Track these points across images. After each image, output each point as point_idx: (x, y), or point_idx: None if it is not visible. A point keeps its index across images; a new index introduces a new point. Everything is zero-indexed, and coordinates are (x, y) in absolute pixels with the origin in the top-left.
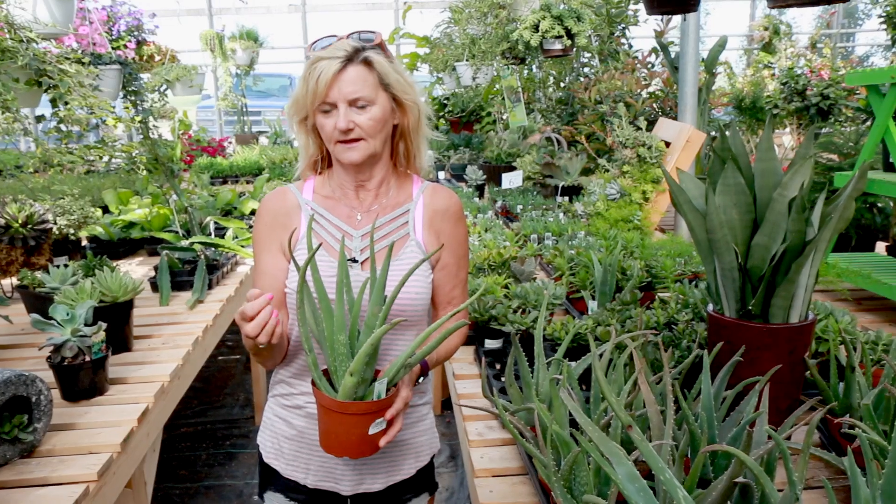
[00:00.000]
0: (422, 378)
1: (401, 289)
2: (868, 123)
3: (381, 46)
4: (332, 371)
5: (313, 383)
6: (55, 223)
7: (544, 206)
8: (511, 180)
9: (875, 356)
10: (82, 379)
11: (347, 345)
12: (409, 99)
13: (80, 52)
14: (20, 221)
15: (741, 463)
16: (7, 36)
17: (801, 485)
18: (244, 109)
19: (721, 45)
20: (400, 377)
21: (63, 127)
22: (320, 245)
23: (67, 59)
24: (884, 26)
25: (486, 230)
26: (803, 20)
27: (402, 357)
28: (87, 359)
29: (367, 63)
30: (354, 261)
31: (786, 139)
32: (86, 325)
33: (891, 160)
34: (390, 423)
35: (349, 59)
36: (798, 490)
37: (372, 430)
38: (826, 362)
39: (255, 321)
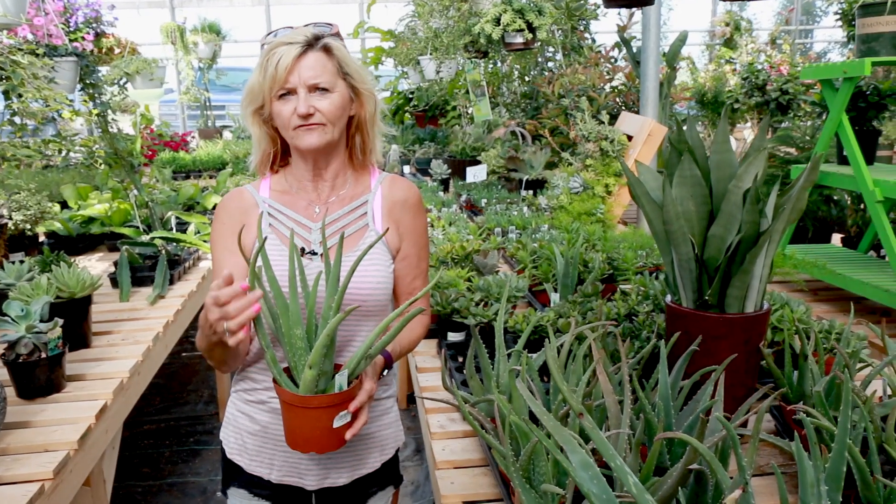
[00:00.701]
0: (385, 370)
1: (353, 275)
2: (824, 117)
3: (338, 36)
4: (291, 367)
5: (274, 380)
6: (10, 218)
7: (508, 200)
8: (475, 174)
9: (828, 345)
10: (38, 376)
11: (305, 339)
12: (366, 89)
13: (35, 43)
14: None
15: (695, 450)
16: None
17: (750, 470)
18: (207, 104)
19: (682, 39)
20: (361, 369)
21: (17, 120)
22: (266, 239)
23: (20, 50)
24: (840, 23)
25: (450, 224)
26: (763, 17)
27: (363, 348)
28: (43, 355)
29: (327, 50)
30: (314, 253)
31: (746, 133)
32: (41, 321)
33: (844, 153)
34: (355, 416)
35: (309, 45)
36: (747, 475)
37: (336, 424)
38: (781, 351)
39: (236, 304)
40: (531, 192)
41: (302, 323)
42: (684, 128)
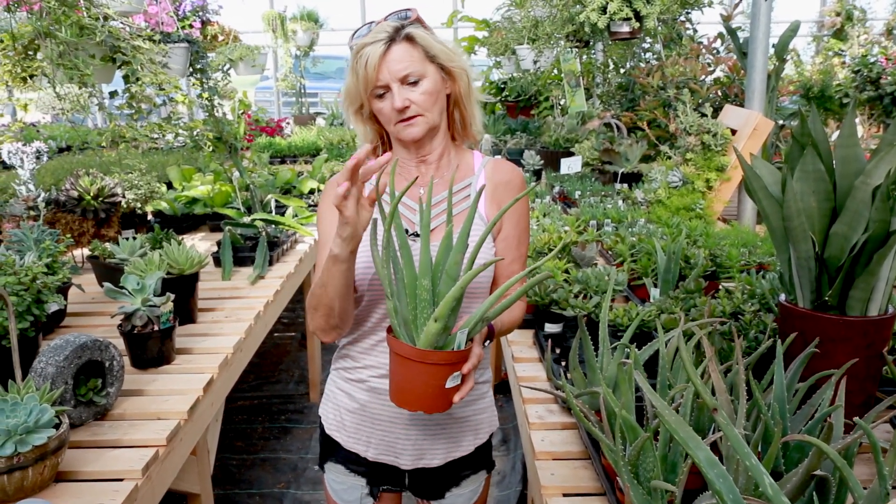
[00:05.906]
0: (487, 341)
1: (480, 247)
2: None
3: (419, 21)
4: (410, 319)
5: (391, 333)
6: (123, 197)
7: (603, 193)
8: (570, 165)
9: None
10: (151, 347)
11: (431, 290)
12: (456, 66)
13: (150, 30)
14: (92, 194)
15: (819, 454)
16: (85, 14)
17: (890, 479)
18: (302, 91)
19: (793, 29)
20: (477, 331)
21: (134, 103)
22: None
23: (139, 36)
24: None
25: (544, 215)
26: (879, 5)
27: (482, 309)
28: (156, 328)
29: (410, 39)
30: (417, 235)
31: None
32: (155, 295)
33: None
34: (464, 380)
35: (392, 39)
36: (888, 484)
37: (449, 384)
38: None
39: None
40: (626, 185)
41: (429, 275)
42: (808, 119)
